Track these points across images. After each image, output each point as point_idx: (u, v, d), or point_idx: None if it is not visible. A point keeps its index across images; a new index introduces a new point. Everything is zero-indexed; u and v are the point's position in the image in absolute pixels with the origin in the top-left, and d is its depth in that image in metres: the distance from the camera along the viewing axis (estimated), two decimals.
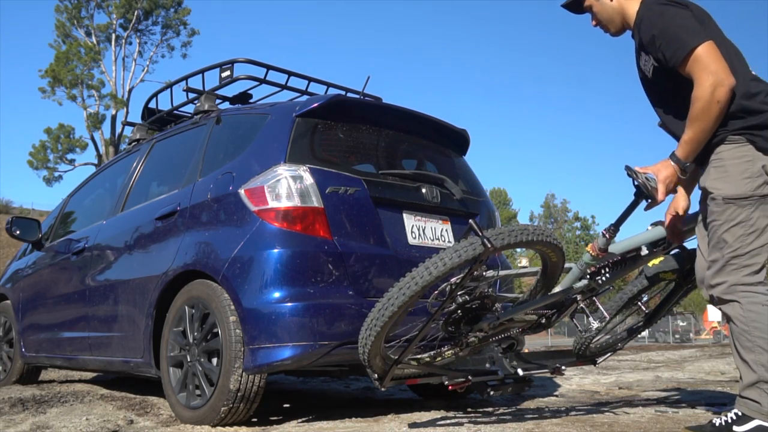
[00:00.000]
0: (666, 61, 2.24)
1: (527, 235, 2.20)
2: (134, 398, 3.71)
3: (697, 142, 2.21)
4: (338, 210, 2.89)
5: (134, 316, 3.38)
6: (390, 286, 2.22)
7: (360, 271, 2.86)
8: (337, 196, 2.91)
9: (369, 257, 2.91)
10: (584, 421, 2.65)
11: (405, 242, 3.09)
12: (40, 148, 32.46)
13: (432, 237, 3.24)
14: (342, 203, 2.92)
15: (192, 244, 3.09)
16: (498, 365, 2.77)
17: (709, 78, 2.13)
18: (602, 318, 2.81)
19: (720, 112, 2.16)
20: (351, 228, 2.91)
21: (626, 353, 9.68)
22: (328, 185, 2.90)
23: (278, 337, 2.66)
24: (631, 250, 2.66)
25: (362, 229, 2.94)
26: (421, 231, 3.19)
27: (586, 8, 2.53)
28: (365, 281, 2.87)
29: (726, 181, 2.21)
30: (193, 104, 4.02)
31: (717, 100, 2.13)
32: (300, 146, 2.99)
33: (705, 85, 2.13)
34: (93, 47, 32.10)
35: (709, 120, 2.16)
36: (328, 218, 2.85)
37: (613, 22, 2.47)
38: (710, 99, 2.13)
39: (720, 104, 2.14)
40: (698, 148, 2.24)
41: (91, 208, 4.67)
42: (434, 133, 3.67)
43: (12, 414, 3.19)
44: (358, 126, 3.27)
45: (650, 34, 2.27)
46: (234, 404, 2.76)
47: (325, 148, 3.12)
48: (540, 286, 2.57)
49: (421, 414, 2.96)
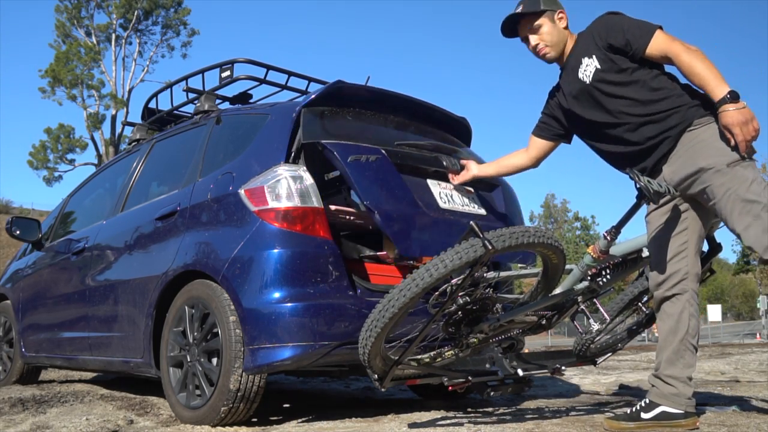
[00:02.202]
0: (635, 41, 2.40)
1: (528, 237, 2.20)
2: (134, 398, 3.71)
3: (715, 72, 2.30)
4: (364, 176, 2.85)
5: (134, 316, 3.38)
6: (432, 245, 2.21)
7: (400, 230, 2.82)
8: (360, 164, 2.86)
9: (405, 217, 2.88)
10: (584, 421, 2.65)
11: (437, 206, 3.06)
12: (40, 148, 32.48)
13: (461, 203, 3.20)
14: (367, 170, 2.88)
15: (192, 244, 3.09)
16: (498, 366, 2.77)
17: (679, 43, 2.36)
18: (603, 319, 2.82)
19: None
20: (381, 192, 2.86)
21: (626, 353, 9.69)
22: (349, 155, 2.86)
23: (278, 337, 2.66)
24: (632, 252, 2.67)
25: (392, 193, 2.90)
26: (450, 197, 3.16)
27: (527, 30, 2.64)
28: (407, 241, 2.83)
29: (719, 154, 2.31)
30: (193, 104, 4.02)
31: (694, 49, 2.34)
32: (311, 129, 2.96)
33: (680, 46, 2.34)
34: (93, 47, 32.12)
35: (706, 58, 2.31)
36: (356, 185, 2.81)
37: (557, 46, 2.62)
38: (693, 49, 2.33)
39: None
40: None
41: (91, 208, 4.67)
42: (437, 120, 3.66)
43: (12, 414, 3.19)
44: (362, 111, 3.27)
45: (617, 27, 2.45)
46: (234, 404, 2.76)
47: (336, 129, 3.09)
48: (541, 287, 2.57)
49: (421, 414, 2.96)
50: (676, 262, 2.46)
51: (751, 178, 2.28)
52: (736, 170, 2.28)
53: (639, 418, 2.44)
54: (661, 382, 2.48)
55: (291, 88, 3.96)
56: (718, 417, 2.72)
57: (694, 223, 2.48)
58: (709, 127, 2.37)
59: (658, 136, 2.42)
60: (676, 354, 2.46)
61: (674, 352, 2.46)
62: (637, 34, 2.40)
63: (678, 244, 2.47)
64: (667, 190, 2.31)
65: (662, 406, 2.43)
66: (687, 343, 2.46)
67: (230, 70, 3.72)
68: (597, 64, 2.48)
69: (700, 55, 2.31)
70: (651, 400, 2.48)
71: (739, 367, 6.13)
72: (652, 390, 2.50)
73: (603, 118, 2.52)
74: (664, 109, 2.41)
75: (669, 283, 2.47)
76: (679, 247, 2.46)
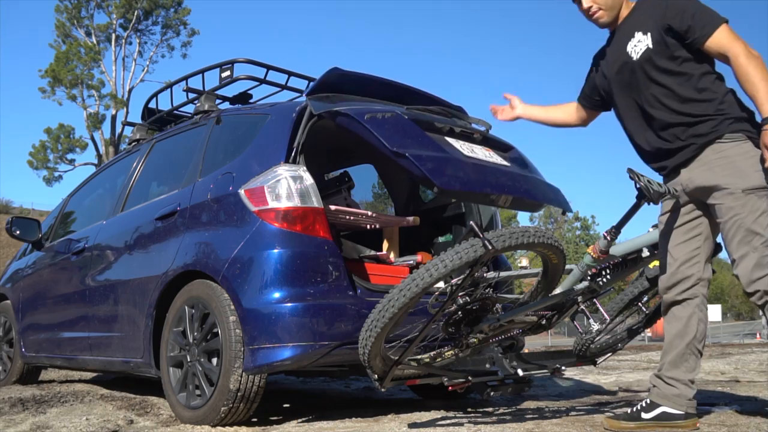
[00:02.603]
0: (698, 29, 2.26)
1: (528, 237, 2.20)
2: (134, 398, 3.71)
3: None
4: (385, 128, 2.75)
5: (134, 316, 3.38)
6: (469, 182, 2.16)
7: (435, 167, 2.66)
8: (377, 119, 2.79)
9: (436, 158, 2.74)
10: (584, 421, 2.65)
11: (463, 154, 2.93)
12: (40, 148, 32.49)
13: (484, 156, 3.05)
14: (386, 123, 2.80)
15: (192, 245, 3.09)
16: (498, 366, 2.77)
17: (742, 44, 2.22)
18: (603, 319, 2.82)
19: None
20: (405, 139, 2.75)
21: (626, 353, 9.68)
22: (365, 113, 2.80)
23: (278, 337, 2.66)
24: (632, 252, 2.67)
25: (416, 140, 2.79)
26: (472, 150, 3.04)
27: None
28: (445, 176, 2.66)
29: (739, 176, 2.24)
30: (193, 104, 4.01)
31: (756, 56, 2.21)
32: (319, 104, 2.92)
33: (742, 48, 2.21)
34: (93, 47, 32.12)
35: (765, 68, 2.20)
36: (379, 136, 2.69)
37: (612, 10, 2.47)
38: (755, 55, 2.21)
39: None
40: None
41: (91, 208, 4.67)
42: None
43: (12, 414, 3.19)
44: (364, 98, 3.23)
45: (682, 9, 2.29)
46: (234, 404, 2.76)
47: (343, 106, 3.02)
48: (541, 287, 2.57)
49: (421, 414, 2.96)
50: (688, 268, 2.43)
51: (763, 209, 2.22)
52: (749, 198, 2.23)
53: (639, 418, 2.44)
54: (662, 383, 2.47)
55: (291, 88, 3.95)
56: (718, 417, 2.73)
57: (707, 230, 2.45)
58: (738, 145, 2.28)
59: (685, 140, 2.34)
60: (680, 357, 2.45)
61: (679, 355, 2.45)
62: (701, 22, 2.26)
63: (690, 249, 2.43)
64: (666, 191, 2.31)
65: (663, 407, 2.43)
66: (693, 347, 2.45)
67: (230, 70, 3.72)
68: (650, 43, 2.34)
69: (761, 64, 2.20)
70: (652, 400, 2.47)
71: (739, 367, 6.12)
72: (654, 390, 2.50)
73: (639, 101, 2.43)
74: (699, 113, 2.32)
75: (680, 288, 2.44)
76: (691, 252, 2.43)
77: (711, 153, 2.31)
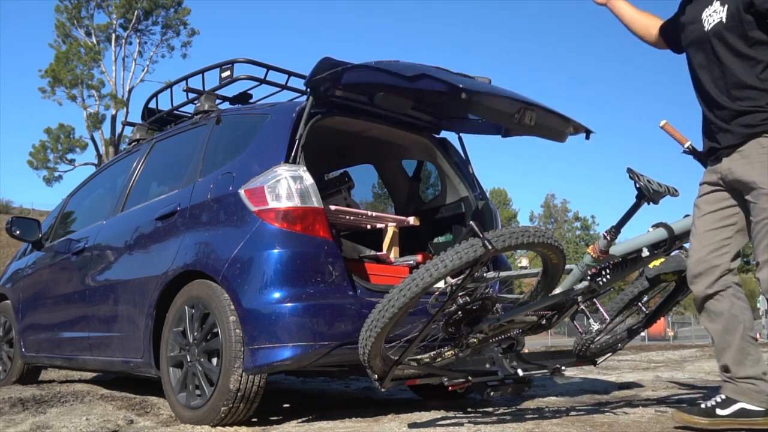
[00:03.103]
0: None
1: (528, 237, 2.20)
2: (134, 398, 3.71)
3: None
4: (396, 67, 2.81)
5: (134, 316, 3.38)
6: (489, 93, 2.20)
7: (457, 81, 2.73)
8: (385, 64, 2.82)
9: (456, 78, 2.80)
10: (584, 421, 2.65)
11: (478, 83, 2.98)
12: (40, 148, 32.47)
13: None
14: (395, 65, 2.82)
15: (192, 245, 3.09)
16: (498, 366, 2.77)
17: None
18: (603, 319, 2.82)
19: None
20: (419, 71, 2.78)
21: (626, 353, 9.67)
22: (373, 62, 2.83)
23: (278, 337, 2.66)
24: (632, 252, 2.67)
25: (431, 70, 2.81)
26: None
27: None
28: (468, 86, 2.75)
29: None
30: (193, 104, 4.01)
31: None
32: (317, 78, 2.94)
33: None
34: (93, 47, 32.11)
35: None
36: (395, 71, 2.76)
37: None
38: None
39: None
40: None
41: (91, 208, 4.67)
42: None
43: (12, 414, 3.19)
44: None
45: None
46: (234, 404, 2.76)
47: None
48: (540, 287, 2.57)
49: (421, 414, 2.96)
50: (716, 257, 2.31)
51: None
52: None
53: (714, 414, 2.30)
54: (737, 384, 2.33)
55: (291, 88, 3.95)
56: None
57: (742, 222, 2.33)
58: None
59: (731, 126, 2.24)
60: (741, 353, 2.31)
61: (739, 350, 2.31)
62: None
63: (721, 238, 2.32)
64: (666, 191, 2.31)
65: (741, 403, 2.29)
66: (747, 337, 2.31)
67: (230, 70, 3.72)
68: (724, 16, 2.20)
69: None
70: (728, 396, 2.32)
71: None
72: (728, 386, 2.34)
73: (703, 73, 2.32)
74: (753, 103, 2.20)
75: (708, 280, 2.33)
76: (722, 241, 2.32)
77: (755, 146, 2.20)
